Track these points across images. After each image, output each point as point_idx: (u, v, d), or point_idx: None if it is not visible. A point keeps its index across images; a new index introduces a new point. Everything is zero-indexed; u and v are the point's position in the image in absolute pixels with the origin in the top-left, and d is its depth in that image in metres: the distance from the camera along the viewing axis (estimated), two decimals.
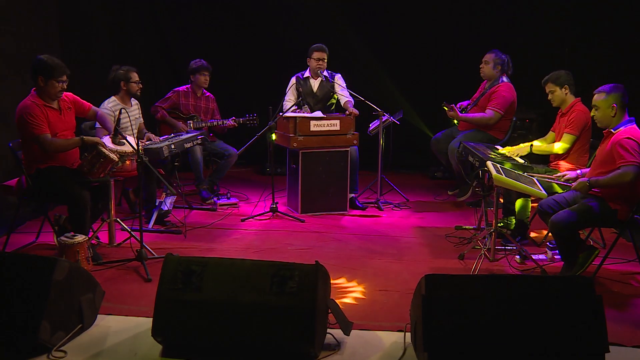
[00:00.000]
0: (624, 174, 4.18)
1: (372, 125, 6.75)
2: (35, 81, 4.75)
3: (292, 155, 6.35)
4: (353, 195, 6.52)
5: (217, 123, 6.85)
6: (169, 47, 8.36)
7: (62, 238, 4.40)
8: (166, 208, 5.87)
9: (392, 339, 3.65)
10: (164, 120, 6.77)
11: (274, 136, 6.13)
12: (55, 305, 3.35)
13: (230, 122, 6.86)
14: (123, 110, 5.24)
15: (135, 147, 4.66)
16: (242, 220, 6.01)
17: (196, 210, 6.39)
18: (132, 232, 4.94)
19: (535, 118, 7.48)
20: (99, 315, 3.77)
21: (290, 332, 3.27)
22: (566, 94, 5.23)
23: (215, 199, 6.60)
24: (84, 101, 5.11)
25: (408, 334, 3.57)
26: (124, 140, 4.85)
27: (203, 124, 6.82)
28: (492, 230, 4.74)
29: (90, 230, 4.84)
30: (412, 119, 8.13)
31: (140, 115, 6.07)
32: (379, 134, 6.48)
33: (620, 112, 4.37)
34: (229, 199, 6.65)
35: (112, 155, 4.73)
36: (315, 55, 6.64)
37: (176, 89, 6.93)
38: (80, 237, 4.41)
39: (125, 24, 8.09)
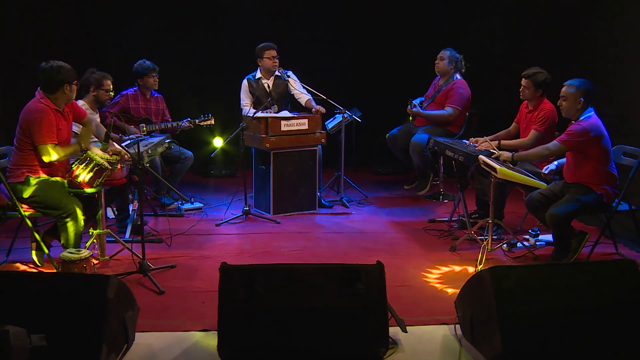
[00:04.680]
0: (542, 148, 4.86)
1: (329, 123, 6.78)
2: (58, 90, 4.49)
3: (260, 156, 6.24)
4: (318, 193, 6.52)
5: (172, 125, 6.56)
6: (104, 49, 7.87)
7: (66, 254, 4.07)
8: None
9: (439, 332, 3.73)
10: (114, 125, 6.39)
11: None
12: (109, 326, 3.12)
13: (185, 123, 6.57)
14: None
15: (131, 153, 4.41)
16: (217, 225, 5.84)
17: (162, 216, 6.11)
18: (126, 245, 4.67)
19: (475, 113, 7.80)
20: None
21: (364, 333, 3.26)
22: (537, 95, 5.51)
23: (178, 204, 6.35)
24: (81, 108, 4.82)
25: (457, 327, 3.66)
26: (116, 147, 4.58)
27: (156, 127, 6.51)
28: (489, 221, 4.94)
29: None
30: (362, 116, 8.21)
31: None
32: (340, 131, 6.53)
33: (584, 105, 4.75)
34: (192, 203, 6.43)
35: (106, 163, 4.44)
36: (268, 53, 6.53)
37: (123, 92, 6.55)
38: (85, 252, 4.10)
39: (55, 25, 7.54)
